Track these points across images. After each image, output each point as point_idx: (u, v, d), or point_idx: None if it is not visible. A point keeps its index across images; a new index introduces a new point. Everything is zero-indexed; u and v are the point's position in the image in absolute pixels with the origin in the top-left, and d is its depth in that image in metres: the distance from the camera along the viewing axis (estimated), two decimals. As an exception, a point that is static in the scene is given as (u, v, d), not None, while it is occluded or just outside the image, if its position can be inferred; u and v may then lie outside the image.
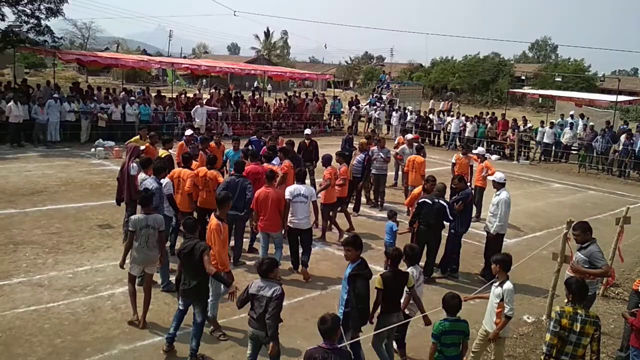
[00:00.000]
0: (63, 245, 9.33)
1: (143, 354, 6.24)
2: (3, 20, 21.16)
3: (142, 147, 10.29)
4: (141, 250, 6.74)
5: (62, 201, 11.91)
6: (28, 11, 21.28)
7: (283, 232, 8.85)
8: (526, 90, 42.92)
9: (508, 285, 5.72)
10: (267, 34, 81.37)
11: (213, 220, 6.72)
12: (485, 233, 9.64)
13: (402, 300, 6.06)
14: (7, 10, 21.03)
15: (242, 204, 8.74)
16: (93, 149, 17.69)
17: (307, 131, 14.75)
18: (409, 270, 6.32)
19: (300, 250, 8.88)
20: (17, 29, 21.40)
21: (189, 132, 12.46)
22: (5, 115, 17.37)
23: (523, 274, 8.94)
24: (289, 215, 8.71)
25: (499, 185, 9.32)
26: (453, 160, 13.78)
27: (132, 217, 6.92)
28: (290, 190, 8.79)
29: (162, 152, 10.28)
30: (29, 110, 17.93)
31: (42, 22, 21.71)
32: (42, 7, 21.39)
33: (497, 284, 5.84)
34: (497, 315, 5.76)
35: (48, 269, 8.27)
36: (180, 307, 6.28)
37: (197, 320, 6.12)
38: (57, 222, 10.50)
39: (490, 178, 10.06)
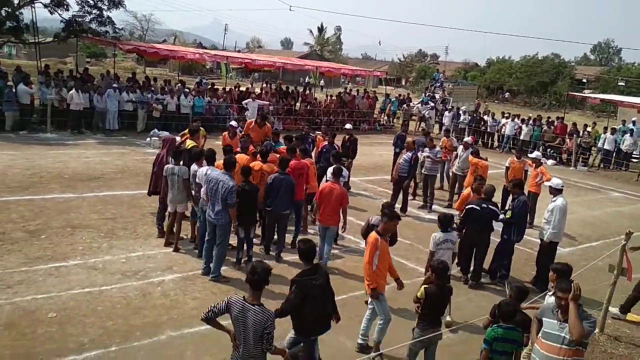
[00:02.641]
0: (117, 230, 9.63)
1: (189, 340, 6.37)
2: (67, 10, 21.90)
3: (178, 139, 10.36)
4: (171, 191, 8.73)
5: (117, 188, 12.29)
6: (91, 2, 21.90)
7: (343, 229, 9.12)
8: (587, 93, 41.36)
9: None
10: (321, 30, 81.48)
11: (372, 234, 6.45)
12: (538, 240, 9.35)
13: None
14: (71, 0, 21.80)
15: (287, 202, 8.88)
16: (148, 139, 18.16)
17: (348, 126, 14.95)
18: (437, 234, 7.35)
19: None
20: (80, 19, 22.12)
21: (233, 123, 12.48)
22: (67, 102, 18.06)
23: (577, 285, 8.61)
24: None
25: (555, 192, 9.01)
26: (507, 164, 13.37)
27: (166, 165, 8.92)
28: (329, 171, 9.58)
29: (189, 143, 10.12)
30: (89, 98, 18.59)
31: (104, 13, 22.34)
32: (104, -2, 22.07)
33: (551, 293, 5.63)
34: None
35: (103, 253, 8.55)
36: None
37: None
38: (112, 207, 10.84)
39: (546, 184, 9.72)
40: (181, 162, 8.86)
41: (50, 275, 7.59)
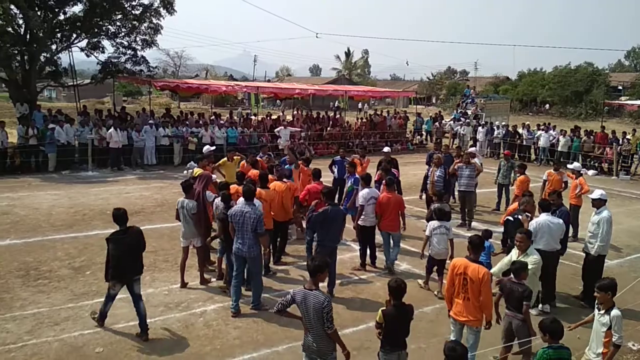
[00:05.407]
0: (159, 263, 9.80)
1: (233, 371, 6.38)
2: (103, 52, 22.80)
3: (214, 176, 10.40)
4: (183, 225, 8.73)
5: (157, 221, 12.53)
6: (125, 43, 22.74)
7: (402, 230, 9.75)
8: (623, 100, 40.31)
9: (616, 312, 5.32)
10: (348, 54, 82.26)
11: (485, 270, 6.00)
12: (583, 254, 9.07)
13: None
14: (106, 43, 22.68)
15: (339, 235, 8.63)
16: (185, 171, 18.50)
17: (386, 149, 14.77)
18: (432, 222, 8.67)
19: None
20: (115, 60, 22.97)
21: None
22: (106, 141, 18.65)
23: (626, 298, 8.24)
24: (362, 215, 9.60)
25: (600, 203, 8.69)
26: (544, 177, 13.13)
27: (178, 199, 8.83)
28: (363, 195, 9.63)
29: (196, 171, 10.37)
30: (127, 135, 19.17)
31: (138, 53, 23.14)
32: (138, 39, 22.77)
33: (602, 311, 5.42)
34: (604, 345, 5.34)
35: (145, 286, 8.63)
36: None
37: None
38: (153, 241, 11.00)
39: (590, 196, 9.34)
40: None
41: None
